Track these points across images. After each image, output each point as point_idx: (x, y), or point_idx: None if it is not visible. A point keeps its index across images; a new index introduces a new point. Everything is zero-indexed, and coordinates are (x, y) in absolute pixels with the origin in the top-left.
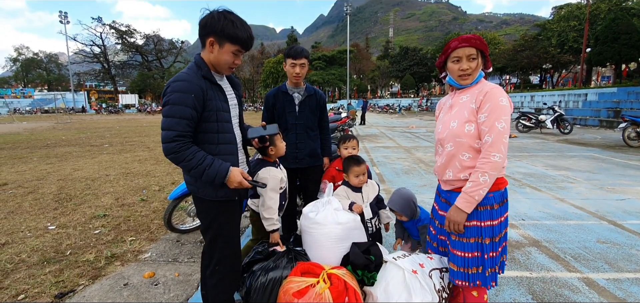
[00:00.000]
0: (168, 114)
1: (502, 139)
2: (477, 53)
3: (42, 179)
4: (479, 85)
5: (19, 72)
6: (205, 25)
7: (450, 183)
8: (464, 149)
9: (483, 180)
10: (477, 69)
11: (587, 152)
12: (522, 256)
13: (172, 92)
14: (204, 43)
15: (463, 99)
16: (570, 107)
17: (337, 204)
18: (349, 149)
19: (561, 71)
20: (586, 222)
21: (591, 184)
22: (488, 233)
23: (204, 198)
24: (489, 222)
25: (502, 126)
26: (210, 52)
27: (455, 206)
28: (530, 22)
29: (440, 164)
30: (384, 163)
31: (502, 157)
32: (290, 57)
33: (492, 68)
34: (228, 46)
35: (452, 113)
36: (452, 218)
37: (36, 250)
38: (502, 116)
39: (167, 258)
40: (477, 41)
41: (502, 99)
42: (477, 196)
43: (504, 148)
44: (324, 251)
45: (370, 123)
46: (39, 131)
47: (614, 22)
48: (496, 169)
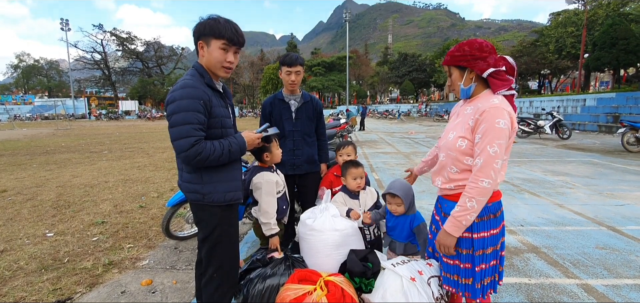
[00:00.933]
0: (183, 121)
1: (492, 164)
2: (450, 69)
3: (41, 186)
4: (482, 99)
5: (20, 79)
6: (195, 32)
7: (440, 189)
8: (453, 162)
9: (470, 206)
10: (456, 82)
11: (586, 157)
12: (520, 262)
13: (181, 98)
14: (197, 50)
15: (467, 110)
16: (569, 113)
17: (334, 211)
18: (344, 156)
19: (559, 77)
20: (585, 228)
21: (590, 190)
22: (480, 245)
23: (210, 203)
24: (484, 233)
25: (493, 151)
26: (203, 56)
27: (443, 229)
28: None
29: (434, 170)
30: (383, 169)
31: (491, 183)
32: (285, 64)
33: (488, 72)
34: (214, 42)
35: (456, 122)
36: (441, 242)
37: (34, 257)
38: (496, 140)
39: (165, 265)
40: (447, 56)
41: (498, 121)
42: (465, 221)
43: (494, 173)
44: (322, 258)
45: (370, 128)
46: (39, 137)
47: (611, 28)
48: (484, 195)
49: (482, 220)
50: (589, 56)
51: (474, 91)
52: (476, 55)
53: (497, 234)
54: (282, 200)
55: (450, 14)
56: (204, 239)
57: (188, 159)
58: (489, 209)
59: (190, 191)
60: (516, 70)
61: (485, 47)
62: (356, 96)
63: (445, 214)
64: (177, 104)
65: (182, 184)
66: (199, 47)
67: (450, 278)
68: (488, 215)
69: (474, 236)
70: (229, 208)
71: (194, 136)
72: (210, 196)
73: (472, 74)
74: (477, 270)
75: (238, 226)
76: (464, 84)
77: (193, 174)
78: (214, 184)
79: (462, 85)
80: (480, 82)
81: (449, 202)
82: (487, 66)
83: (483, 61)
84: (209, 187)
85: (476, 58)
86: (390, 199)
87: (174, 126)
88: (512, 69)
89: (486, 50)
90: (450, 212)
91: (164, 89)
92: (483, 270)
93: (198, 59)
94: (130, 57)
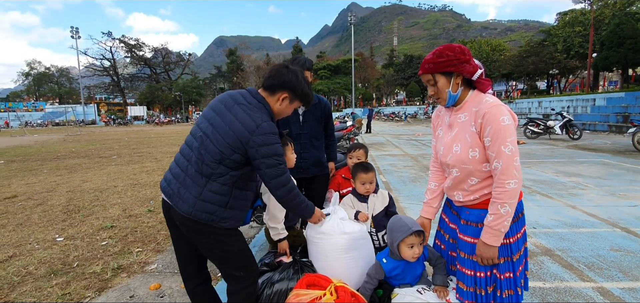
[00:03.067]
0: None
1: (513, 163)
2: (435, 77)
3: (51, 191)
4: (475, 102)
5: (31, 86)
6: (287, 84)
7: (460, 202)
8: (472, 174)
9: (505, 211)
10: (444, 89)
11: (597, 158)
12: (534, 265)
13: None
14: (274, 92)
15: (461, 118)
16: (578, 113)
17: (343, 214)
18: (354, 159)
19: (568, 77)
20: (599, 230)
21: (603, 191)
22: (503, 253)
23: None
24: (505, 240)
25: (509, 150)
26: (278, 103)
27: (482, 241)
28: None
29: (447, 186)
30: (390, 171)
31: (517, 182)
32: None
33: (478, 74)
34: (295, 104)
35: (453, 134)
36: (483, 255)
37: (43, 262)
38: (508, 138)
39: (173, 269)
40: (427, 64)
41: (503, 119)
42: (503, 228)
43: (517, 172)
44: (330, 261)
45: (376, 131)
46: (50, 143)
47: (618, 27)
48: (514, 197)
49: (513, 222)
50: (597, 56)
51: (460, 96)
52: (461, 59)
53: (521, 238)
54: None
55: (456, 15)
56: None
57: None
58: (516, 210)
59: (206, 211)
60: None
61: (467, 51)
62: (362, 99)
63: (468, 221)
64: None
65: (196, 202)
66: (280, 95)
67: (471, 291)
68: (517, 215)
69: (511, 241)
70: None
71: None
72: (225, 222)
73: (459, 78)
74: (501, 278)
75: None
76: (453, 89)
77: (220, 195)
78: (235, 210)
79: (450, 91)
80: (465, 86)
81: (472, 210)
82: (474, 69)
83: (468, 63)
84: (229, 213)
85: (462, 62)
86: (415, 239)
87: (275, 162)
88: (485, 73)
89: (468, 54)
90: (474, 220)
91: (171, 95)
92: (508, 279)
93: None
94: (138, 64)
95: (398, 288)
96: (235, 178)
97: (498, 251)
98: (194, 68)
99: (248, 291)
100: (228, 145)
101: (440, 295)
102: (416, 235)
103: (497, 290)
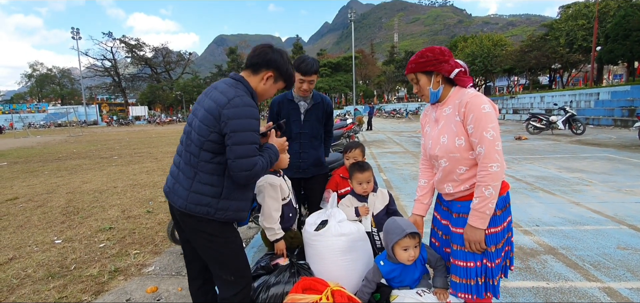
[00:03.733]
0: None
1: (495, 148)
2: (417, 76)
3: (51, 192)
4: (458, 95)
5: (34, 88)
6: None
7: (450, 195)
8: (459, 163)
9: (489, 193)
10: (425, 87)
11: (601, 153)
12: (537, 265)
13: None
14: (257, 71)
15: (446, 111)
16: (582, 107)
17: (340, 215)
18: (351, 159)
19: (571, 71)
20: (604, 227)
21: (608, 187)
22: (492, 241)
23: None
24: (493, 229)
25: (490, 135)
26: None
27: (469, 225)
28: (537, 23)
29: (438, 179)
30: (391, 169)
31: (499, 165)
32: (299, 72)
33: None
34: (279, 84)
35: (440, 127)
36: (470, 239)
37: (42, 265)
38: (489, 124)
39: (171, 271)
40: (411, 64)
41: (484, 107)
42: (488, 210)
43: (499, 156)
44: (328, 264)
45: (377, 128)
46: (52, 144)
47: (624, 19)
48: (498, 180)
49: (500, 212)
50: (602, 49)
51: (442, 93)
52: (440, 58)
53: (506, 226)
54: (287, 207)
55: (457, 10)
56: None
57: (248, 179)
58: (498, 203)
59: (199, 203)
60: (468, 71)
61: (446, 52)
62: (363, 96)
63: (460, 214)
64: (242, 123)
65: (189, 194)
66: (264, 74)
67: (464, 283)
68: (496, 210)
69: (497, 230)
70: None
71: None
72: (223, 213)
73: (438, 77)
74: (491, 265)
75: (239, 234)
76: (433, 87)
77: (210, 186)
78: (231, 201)
79: (431, 89)
80: (446, 84)
81: (463, 202)
82: (452, 68)
83: (446, 63)
84: (225, 203)
85: (440, 61)
86: (409, 242)
87: (240, 144)
88: (466, 71)
89: (447, 55)
90: (466, 212)
91: (172, 94)
92: (497, 266)
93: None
94: (139, 64)
95: (397, 291)
96: (223, 166)
97: (485, 235)
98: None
99: (238, 299)
100: (205, 127)
101: (440, 297)
102: (410, 237)
103: (488, 279)
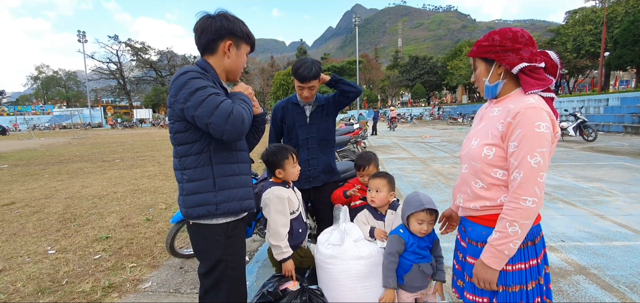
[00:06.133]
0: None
1: (536, 179)
2: (475, 62)
3: (50, 197)
4: (512, 99)
5: (40, 90)
6: (221, 29)
7: (462, 209)
8: (478, 175)
9: (513, 231)
10: (481, 78)
11: (616, 161)
12: (569, 287)
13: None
14: (214, 48)
15: (494, 112)
16: (591, 113)
17: (357, 233)
18: (365, 177)
19: (577, 76)
20: (634, 243)
21: (630, 198)
22: (517, 280)
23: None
24: (519, 265)
25: (536, 162)
26: (226, 57)
27: (481, 261)
28: (542, 28)
29: (456, 185)
30: (399, 176)
31: (536, 202)
32: (297, 78)
33: (518, 67)
34: (245, 48)
35: (479, 127)
36: (480, 277)
37: (32, 278)
38: (537, 148)
39: (169, 288)
40: (475, 47)
41: (539, 125)
42: (508, 251)
43: (539, 189)
44: (344, 291)
45: (382, 133)
46: (55, 146)
47: (633, 25)
48: (529, 218)
49: (521, 247)
50: (610, 55)
51: (502, 89)
52: (507, 46)
53: (540, 263)
54: (297, 222)
55: (461, 15)
56: (206, 274)
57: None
58: (526, 235)
59: (199, 203)
60: (559, 68)
61: (521, 38)
62: (367, 100)
63: (470, 240)
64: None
65: (185, 199)
66: (223, 46)
67: None
68: (525, 242)
69: (507, 269)
70: (235, 232)
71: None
72: (225, 206)
73: (500, 69)
74: None
75: (245, 252)
76: (490, 80)
77: (201, 181)
78: (230, 190)
79: (487, 81)
80: (510, 79)
81: (474, 225)
82: (520, 60)
83: (515, 53)
84: (224, 195)
85: (507, 50)
86: (426, 217)
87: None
88: (554, 67)
89: (521, 41)
90: (475, 238)
91: None
92: None
93: (208, 58)
94: (144, 67)
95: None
96: (206, 155)
97: (500, 276)
98: None
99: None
100: (171, 123)
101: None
102: (428, 212)
103: None
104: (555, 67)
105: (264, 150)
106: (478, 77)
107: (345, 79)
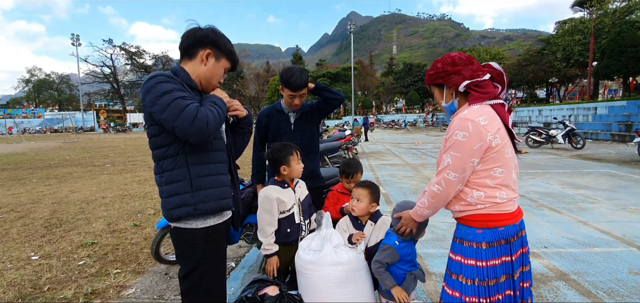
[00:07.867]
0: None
1: (444, 173)
2: (431, 89)
3: (36, 202)
4: (461, 111)
5: (31, 93)
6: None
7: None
8: None
9: (421, 203)
10: (439, 100)
11: (603, 168)
12: (549, 293)
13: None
14: (193, 53)
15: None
16: (580, 121)
17: (337, 239)
18: (351, 185)
19: (567, 85)
20: (615, 249)
21: (613, 205)
22: (469, 274)
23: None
24: (473, 262)
25: (447, 162)
26: (203, 64)
27: (408, 213)
28: (533, 37)
29: None
30: (390, 182)
31: (440, 189)
32: (288, 87)
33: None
34: (224, 62)
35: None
36: (405, 222)
37: (13, 285)
38: (452, 151)
39: (152, 295)
40: (426, 77)
41: (457, 133)
42: (420, 211)
43: (444, 182)
44: (323, 297)
45: (375, 139)
46: (44, 150)
47: (619, 36)
48: (434, 198)
49: (475, 245)
50: (598, 64)
51: (458, 106)
52: (449, 70)
53: (499, 266)
54: (286, 221)
55: (455, 24)
56: (185, 277)
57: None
58: (484, 235)
59: (178, 205)
60: (505, 76)
61: (459, 60)
62: (361, 107)
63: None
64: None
65: (165, 201)
66: (202, 54)
67: None
68: (480, 242)
69: (464, 262)
70: (214, 236)
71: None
72: (203, 205)
73: (450, 90)
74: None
75: (225, 258)
76: (446, 101)
77: (179, 182)
78: (207, 190)
79: (444, 103)
80: (462, 96)
81: (459, 225)
82: (462, 79)
83: (457, 74)
84: (201, 195)
85: (449, 73)
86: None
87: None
88: (500, 75)
89: (459, 63)
90: (460, 237)
91: None
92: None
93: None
94: (139, 71)
95: None
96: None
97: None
98: None
99: None
100: (146, 128)
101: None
102: None
103: None
104: (501, 75)
105: (268, 149)
106: (437, 100)
107: (329, 87)
